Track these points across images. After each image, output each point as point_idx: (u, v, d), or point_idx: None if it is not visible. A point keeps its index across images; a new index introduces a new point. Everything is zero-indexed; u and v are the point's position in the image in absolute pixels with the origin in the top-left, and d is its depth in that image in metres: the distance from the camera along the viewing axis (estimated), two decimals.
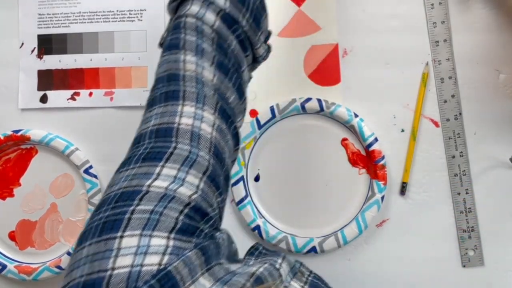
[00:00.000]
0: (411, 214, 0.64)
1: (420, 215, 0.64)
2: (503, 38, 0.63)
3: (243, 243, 0.64)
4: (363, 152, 0.64)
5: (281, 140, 0.64)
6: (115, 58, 0.65)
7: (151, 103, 0.40)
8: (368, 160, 0.63)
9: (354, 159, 0.64)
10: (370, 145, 0.62)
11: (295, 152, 0.64)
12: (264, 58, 0.48)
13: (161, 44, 0.45)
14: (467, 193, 0.63)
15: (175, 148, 0.36)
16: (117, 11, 0.64)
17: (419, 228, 0.64)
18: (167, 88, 0.40)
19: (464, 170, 0.63)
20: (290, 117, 0.63)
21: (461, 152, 0.63)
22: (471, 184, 0.63)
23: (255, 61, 0.48)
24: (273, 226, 0.63)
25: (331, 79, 0.64)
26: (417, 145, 0.64)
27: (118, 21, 0.64)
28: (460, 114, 0.63)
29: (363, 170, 0.64)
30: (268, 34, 0.49)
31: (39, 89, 0.66)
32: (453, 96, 0.63)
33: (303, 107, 0.62)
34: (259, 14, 0.45)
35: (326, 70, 0.64)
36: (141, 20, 0.64)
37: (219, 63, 0.41)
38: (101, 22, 0.64)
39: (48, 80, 0.66)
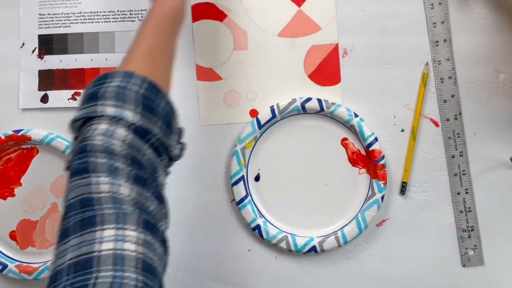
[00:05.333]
0: (411, 213, 0.64)
1: (420, 214, 0.64)
2: (503, 38, 0.63)
3: (243, 243, 0.65)
4: (363, 152, 0.64)
5: (281, 140, 0.64)
6: (116, 58, 0.65)
7: (65, 233, 0.37)
8: (368, 159, 0.63)
9: (354, 159, 0.64)
10: (370, 144, 0.62)
11: (295, 152, 0.64)
12: (180, 157, 0.47)
13: (67, 168, 0.41)
14: (466, 192, 0.63)
15: (96, 278, 0.34)
16: (118, 11, 0.64)
17: (419, 228, 0.64)
18: (82, 215, 0.37)
19: (464, 170, 0.63)
20: (290, 117, 0.63)
21: (461, 152, 0.63)
22: (471, 183, 0.64)
23: (171, 160, 0.47)
24: (273, 225, 0.64)
25: (331, 79, 0.64)
26: (417, 145, 0.64)
27: (119, 21, 0.64)
28: (460, 114, 0.63)
29: (363, 170, 0.64)
30: (180, 132, 0.48)
31: (40, 89, 0.66)
32: (453, 96, 0.63)
33: (303, 107, 0.62)
34: (169, 118, 0.45)
35: (326, 70, 0.64)
36: (142, 20, 0.64)
37: (136, 177, 0.40)
38: (102, 22, 0.64)
39: (49, 80, 0.66)
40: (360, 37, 0.64)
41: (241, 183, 0.63)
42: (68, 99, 0.65)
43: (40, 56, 0.66)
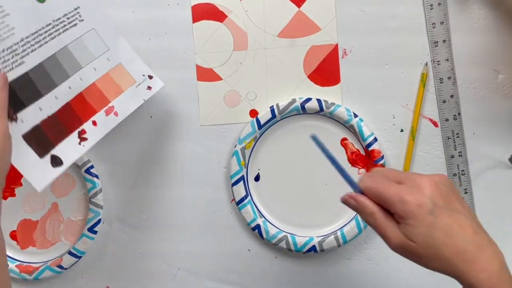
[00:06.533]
0: None
1: None
2: (502, 39, 0.63)
3: (243, 243, 0.65)
4: (362, 152, 0.64)
5: (281, 140, 0.64)
6: (88, 72, 0.57)
7: None
8: (367, 159, 0.63)
9: (354, 159, 0.64)
10: (370, 145, 0.62)
11: (295, 152, 0.64)
12: None
13: None
14: (466, 192, 0.64)
15: None
16: (54, 21, 0.54)
17: None
18: None
19: (463, 170, 0.63)
20: (290, 117, 0.63)
21: (460, 152, 0.64)
22: (470, 184, 0.64)
23: None
24: (273, 225, 0.64)
25: (330, 79, 0.64)
26: (416, 145, 0.64)
27: (62, 31, 0.55)
28: (459, 114, 0.63)
29: (363, 170, 0.64)
30: None
31: (41, 155, 0.52)
32: (452, 96, 0.63)
33: (303, 107, 0.62)
34: None
35: (325, 71, 0.64)
36: (83, 20, 0.56)
37: None
38: (49, 40, 0.54)
39: (43, 139, 0.53)
40: (359, 37, 0.63)
41: (241, 183, 0.63)
42: (79, 143, 0.55)
43: (12, 118, 0.50)
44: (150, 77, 0.61)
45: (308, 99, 0.62)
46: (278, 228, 0.64)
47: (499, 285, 0.40)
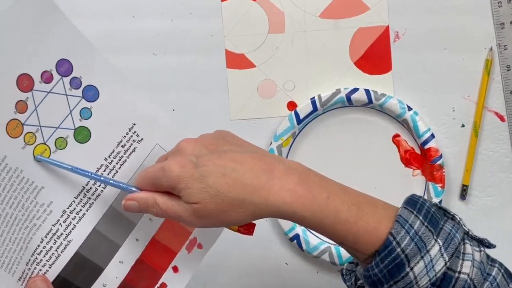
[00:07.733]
0: (472, 220, 0.58)
1: (483, 221, 0.62)
2: None
3: (280, 255, 0.62)
4: (417, 151, 0.61)
5: (323, 136, 0.62)
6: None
7: None
8: (423, 159, 0.61)
9: (408, 159, 0.62)
10: (426, 142, 0.60)
11: (339, 150, 0.62)
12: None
13: None
14: None
15: None
16: (106, 159, 0.43)
17: (482, 236, 0.59)
18: None
19: None
20: (334, 110, 0.61)
21: None
22: None
23: None
24: (315, 235, 0.60)
25: (380, 66, 0.62)
26: (479, 142, 0.62)
27: (118, 168, 0.44)
28: None
29: (418, 171, 0.62)
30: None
31: None
32: None
33: (348, 99, 0.60)
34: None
35: (375, 56, 0.62)
36: (142, 139, 0.45)
37: None
38: (100, 192, 0.43)
39: None
40: (414, 18, 0.61)
41: None
42: None
43: None
44: None
45: (355, 90, 0.60)
46: (320, 238, 0.60)
47: (307, 193, 0.38)
